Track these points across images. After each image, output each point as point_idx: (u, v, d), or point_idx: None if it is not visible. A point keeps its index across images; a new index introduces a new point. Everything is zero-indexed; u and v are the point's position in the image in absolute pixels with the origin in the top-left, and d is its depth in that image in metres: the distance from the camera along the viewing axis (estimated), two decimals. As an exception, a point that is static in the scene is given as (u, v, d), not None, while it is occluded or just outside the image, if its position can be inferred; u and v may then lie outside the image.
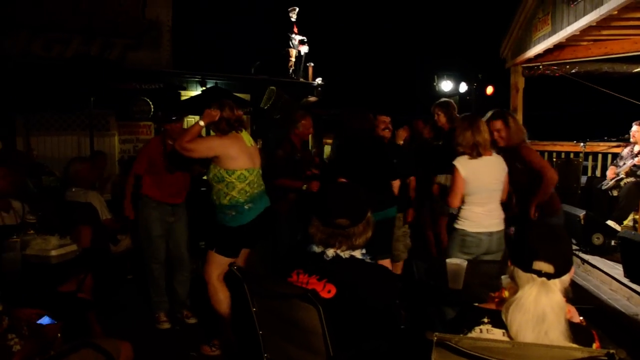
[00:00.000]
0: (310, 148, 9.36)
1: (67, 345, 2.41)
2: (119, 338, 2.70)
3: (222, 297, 3.79)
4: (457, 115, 5.13)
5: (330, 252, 2.17)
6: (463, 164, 3.63)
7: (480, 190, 3.64)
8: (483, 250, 3.66)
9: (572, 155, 8.39)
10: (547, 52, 7.76)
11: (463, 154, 3.66)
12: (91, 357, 2.37)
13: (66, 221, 4.18)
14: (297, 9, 12.36)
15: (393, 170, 4.52)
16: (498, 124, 4.07)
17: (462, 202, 3.70)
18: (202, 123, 3.69)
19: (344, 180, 4.02)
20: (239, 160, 3.68)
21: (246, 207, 3.69)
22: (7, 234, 3.30)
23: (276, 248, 5.04)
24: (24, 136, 9.94)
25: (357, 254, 2.19)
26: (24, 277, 3.02)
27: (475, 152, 3.62)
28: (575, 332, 1.62)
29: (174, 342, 4.15)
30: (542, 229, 1.76)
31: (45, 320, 2.47)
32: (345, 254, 2.17)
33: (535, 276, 1.65)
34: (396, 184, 4.57)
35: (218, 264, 3.73)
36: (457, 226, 3.74)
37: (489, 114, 4.21)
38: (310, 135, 5.80)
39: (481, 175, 3.63)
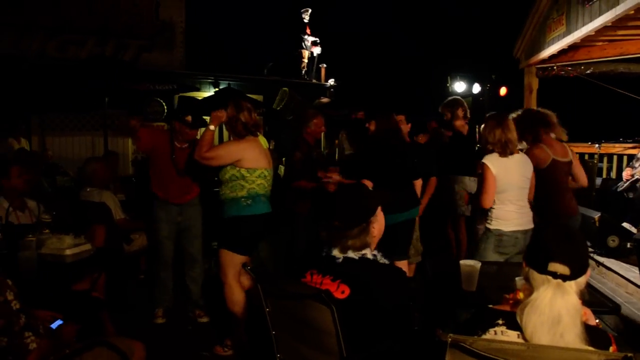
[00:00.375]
0: (322, 149, 9.36)
1: (81, 343, 2.43)
2: (132, 337, 2.72)
3: (238, 298, 3.80)
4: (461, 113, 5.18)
5: (337, 253, 2.17)
6: (493, 162, 3.60)
7: (512, 187, 3.62)
8: (518, 249, 3.62)
9: (587, 157, 8.32)
10: (562, 52, 7.69)
11: (492, 151, 3.64)
12: (105, 356, 2.38)
13: (80, 221, 4.22)
14: (310, 10, 12.36)
15: (415, 170, 4.52)
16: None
17: (494, 202, 3.67)
18: (212, 127, 3.75)
19: (367, 181, 4.03)
20: (259, 160, 3.75)
21: (262, 199, 3.77)
22: (23, 233, 3.34)
23: (292, 249, 5.05)
24: (39, 136, 10.05)
25: (368, 253, 2.18)
26: (40, 276, 3.04)
27: (506, 150, 3.60)
28: (592, 335, 1.60)
29: (186, 342, 4.16)
30: (558, 229, 1.73)
31: (57, 323, 2.49)
32: (355, 255, 2.16)
33: (550, 278, 1.63)
34: (418, 183, 4.57)
35: (232, 263, 3.75)
36: (491, 227, 3.69)
37: (519, 111, 4.27)
38: (322, 135, 5.83)
39: (511, 172, 3.61)
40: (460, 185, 5.52)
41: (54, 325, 2.45)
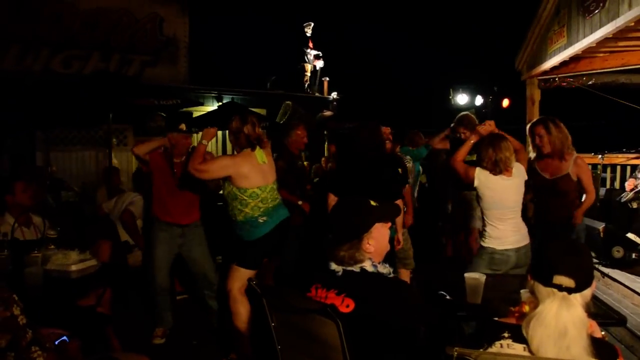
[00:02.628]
0: (321, 162, 9.35)
1: (88, 359, 2.43)
2: (137, 352, 2.72)
3: (242, 311, 3.80)
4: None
5: (334, 267, 2.19)
6: (483, 173, 3.67)
7: (500, 206, 3.66)
8: (511, 266, 3.66)
9: (590, 168, 8.30)
10: (563, 64, 7.72)
11: (485, 168, 3.69)
12: (111, 371, 2.38)
13: (86, 236, 4.23)
14: (312, 24, 12.46)
15: (398, 186, 4.40)
16: (539, 130, 4.18)
17: (484, 218, 3.74)
18: (204, 142, 3.78)
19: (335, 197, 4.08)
20: (250, 179, 3.72)
21: (260, 220, 3.75)
22: (29, 248, 3.35)
23: (284, 261, 5.02)
24: (43, 151, 10.09)
25: (367, 265, 2.18)
26: (45, 292, 3.05)
27: (497, 169, 3.64)
28: (598, 348, 1.60)
29: (191, 357, 4.15)
30: (562, 242, 1.74)
31: (61, 339, 2.50)
32: (355, 267, 2.17)
33: (555, 290, 1.63)
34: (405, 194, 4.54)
35: (239, 277, 3.76)
36: (484, 244, 3.73)
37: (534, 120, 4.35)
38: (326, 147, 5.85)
39: (499, 192, 3.65)
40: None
41: (57, 341, 2.45)
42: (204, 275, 4.50)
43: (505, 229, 3.65)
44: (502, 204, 3.66)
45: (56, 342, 2.42)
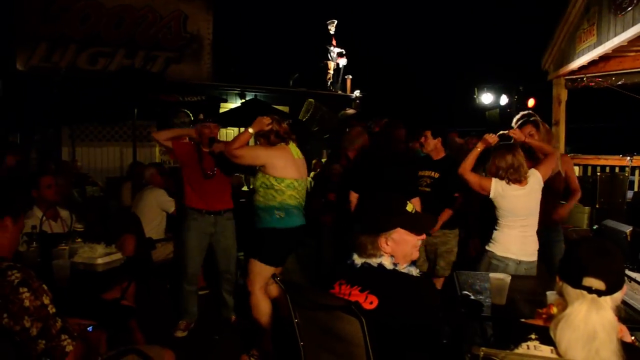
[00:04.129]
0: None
1: (113, 351, 2.47)
2: (160, 345, 2.74)
3: (264, 308, 3.81)
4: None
5: (355, 258, 2.21)
6: (500, 184, 3.58)
7: (510, 214, 3.58)
8: None
9: (617, 170, 8.14)
10: (592, 63, 7.60)
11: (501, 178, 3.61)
12: (136, 364, 2.41)
13: (111, 230, 4.29)
14: (336, 22, 12.44)
15: (409, 188, 4.28)
16: (529, 129, 4.05)
17: (497, 223, 3.65)
18: (251, 130, 3.76)
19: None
20: (287, 169, 3.73)
21: (294, 211, 3.76)
22: (56, 241, 3.40)
23: (320, 260, 5.05)
24: (69, 147, 10.26)
25: (386, 262, 2.17)
26: (72, 284, 3.10)
27: (511, 178, 3.55)
28: (629, 352, 1.57)
29: (212, 351, 4.19)
30: (593, 243, 1.70)
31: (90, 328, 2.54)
32: (373, 262, 2.17)
33: (585, 293, 1.60)
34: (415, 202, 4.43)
35: (261, 274, 3.77)
36: (486, 247, 3.66)
37: (518, 121, 4.20)
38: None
39: (512, 201, 3.56)
40: None
41: (90, 328, 2.49)
42: (227, 269, 4.55)
43: (510, 236, 3.56)
44: (512, 212, 3.57)
45: (89, 329, 2.47)
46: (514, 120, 4.28)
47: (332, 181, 5.00)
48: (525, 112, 4.40)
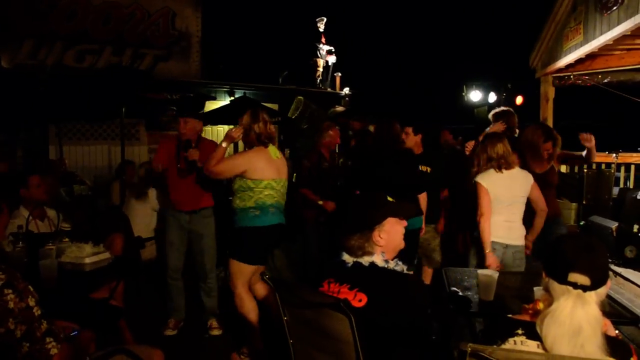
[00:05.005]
0: (339, 161, 9.36)
1: (101, 351, 2.46)
2: (149, 344, 2.74)
3: (249, 307, 3.82)
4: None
5: (346, 257, 2.21)
6: (484, 178, 3.75)
7: (495, 201, 3.72)
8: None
9: (603, 167, 8.24)
10: (579, 61, 7.66)
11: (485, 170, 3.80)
12: (124, 363, 2.40)
13: (99, 229, 4.27)
14: (325, 19, 12.43)
15: (415, 183, 4.44)
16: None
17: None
18: (224, 145, 3.76)
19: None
20: (265, 171, 3.73)
21: (271, 209, 3.75)
22: (43, 241, 3.38)
23: (305, 255, 5.06)
24: (56, 145, 10.16)
25: (378, 260, 2.18)
26: (59, 284, 3.08)
27: (493, 165, 3.76)
28: (613, 346, 1.59)
29: (203, 350, 4.18)
30: (578, 240, 1.72)
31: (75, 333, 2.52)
32: (364, 261, 2.18)
33: (570, 288, 1.62)
34: (422, 197, 4.50)
35: (241, 273, 3.77)
36: (476, 233, 3.80)
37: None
38: (337, 145, 5.84)
39: (495, 187, 3.72)
40: None
41: (70, 334, 2.48)
42: (203, 269, 4.48)
43: (496, 222, 3.72)
44: (496, 199, 3.72)
45: (71, 334, 2.45)
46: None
47: (303, 176, 5.01)
48: (499, 109, 4.68)
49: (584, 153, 4.78)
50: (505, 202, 3.74)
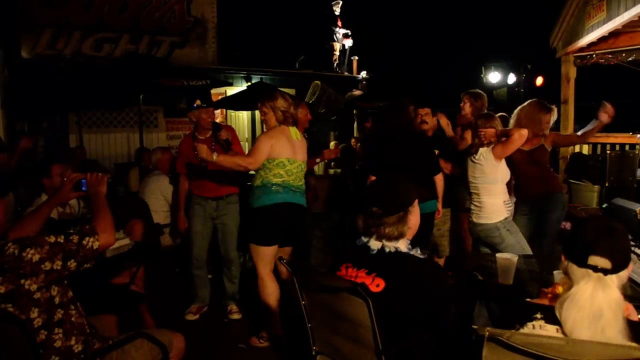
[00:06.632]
0: (351, 141, 9.34)
1: (123, 335, 2.49)
2: (170, 329, 2.76)
3: (270, 290, 3.85)
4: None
5: (374, 245, 2.18)
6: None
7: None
8: (474, 238, 4.15)
9: (627, 148, 8.06)
10: (601, 40, 7.47)
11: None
12: (145, 348, 2.43)
13: (119, 216, 4.30)
14: (341, 2, 12.32)
15: (431, 165, 4.41)
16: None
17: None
18: (215, 157, 3.68)
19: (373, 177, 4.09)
20: (282, 150, 3.77)
21: (273, 188, 3.76)
22: (64, 228, 3.41)
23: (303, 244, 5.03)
24: (76, 134, 10.28)
25: (402, 246, 2.17)
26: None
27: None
28: (635, 331, 1.56)
29: (222, 334, 4.22)
30: (598, 222, 1.69)
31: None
32: (389, 247, 2.16)
33: (590, 271, 1.59)
34: (438, 178, 4.45)
35: (258, 255, 3.82)
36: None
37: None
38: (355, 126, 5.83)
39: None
40: None
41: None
42: (226, 255, 4.52)
43: (472, 202, 4.02)
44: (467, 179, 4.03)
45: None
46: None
47: None
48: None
49: (580, 132, 4.80)
50: (471, 183, 4.01)
